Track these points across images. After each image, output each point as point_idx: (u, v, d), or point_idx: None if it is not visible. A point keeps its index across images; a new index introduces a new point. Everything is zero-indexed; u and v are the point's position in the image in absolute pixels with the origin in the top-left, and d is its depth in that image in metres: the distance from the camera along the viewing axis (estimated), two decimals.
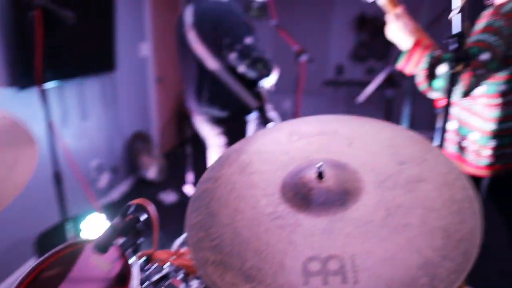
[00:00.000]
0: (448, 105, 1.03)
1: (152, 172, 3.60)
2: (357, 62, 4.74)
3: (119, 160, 3.39)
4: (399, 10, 1.44)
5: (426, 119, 4.67)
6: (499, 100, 1.51)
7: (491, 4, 1.51)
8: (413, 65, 1.41)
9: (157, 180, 3.64)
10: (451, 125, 1.72)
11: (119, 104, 3.29)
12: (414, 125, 4.62)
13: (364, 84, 4.50)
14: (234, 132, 2.21)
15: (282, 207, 0.66)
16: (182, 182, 3.70)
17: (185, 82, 2.28)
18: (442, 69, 1.33)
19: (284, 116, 4.52)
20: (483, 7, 1.55)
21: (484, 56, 1.36)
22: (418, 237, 0.57)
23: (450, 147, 1.70)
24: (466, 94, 1.34)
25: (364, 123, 0.86)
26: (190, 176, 2.75)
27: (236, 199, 0.71)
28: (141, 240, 0.77)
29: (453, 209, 0.61)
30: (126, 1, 3.35)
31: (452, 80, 1.01)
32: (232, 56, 1.96)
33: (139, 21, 3.65)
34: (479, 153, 1.59)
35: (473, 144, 1.60)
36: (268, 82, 2.24)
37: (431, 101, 1.69)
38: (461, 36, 0.93)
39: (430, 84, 1.36)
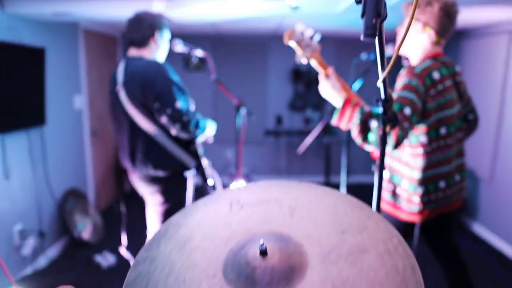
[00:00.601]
0: (382, 158, 1.08)
1: (86, 232, 3.32)
2: (295, 112, 4.95)
3: (48, 222, 3.10)
4: (329, 70, 1.55)
5: (362, 163, 4.94)
6: (421, 150, 1.63)
7: (408, 65, 1.68)
8: (346, 121, 1.50)
9: (93, 241, 3.35)
10: (384, 174, 1.82)
11: (49, 160, 3.06)
12: (351, 169, 4.85)
13: (302, 133, 4.69)
14: (171, 190, 2.14)
15: None
16: (120, 242, 3.46)
17: (118, 139, 2.19)
18: (373, 124, 1.43)
19: (227, 166, 4.53)
20: (400, 66, 1.72)
21: (407, 111, 1.49)
22: None
23: (386, 195, 1.78)
24: (397, 145, 1.43)
25: (306, 189, 0.86)
26: (124, 238, 2.57)
27: (175, 283, 0.65)
28: None
29: (397, 280, 0.61)
30: (61, 52, 3.25)
31: (383, 134, 1.07)
32: (163, 120, 1.95)
33: (74, 72, 3.53)
34: (411, 200, 1.68)
35: (404, 192, 1.70)
36: (206, 136, 2.23)
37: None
38: (387, 101, 0.99)
39: (364, 138, 1.45)
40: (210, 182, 2.24)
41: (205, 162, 2.22)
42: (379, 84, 0.92)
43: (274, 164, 5.03)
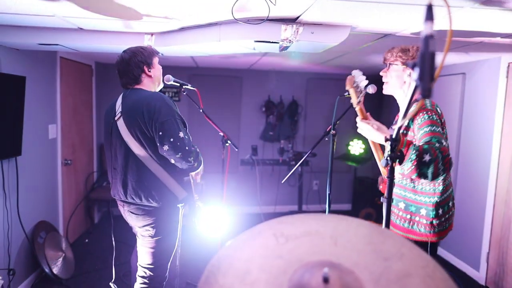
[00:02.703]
0: (390, 189, 1.20)
1: (58, 267, 3.16)
2: (268, 143, 5.10)
3: (18, 258, 2.92)
4: (368, 115, 1.70)
5: (335, 192, 5.15)
6: (440, 176, 1.77)
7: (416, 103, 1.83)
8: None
9: (65, 276, 3.19)
10: (400, 204, 1.93)
11: (21, 191, 2.92)
12: (323, 199, 5.03)
13: (276, 163, 4.82)
14: (162, 222, 2.14)
15: None
16: (94, 276, 3.33)
17: (111, 171, 2.18)
18: (427, 157, 1.50)
19: (200, 195, 4.51)
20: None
21: (444, 142, 1.61)
22: None
23: (401, 223, 1.92)
24: (435, 177, 1.53)
25: (339, 221, 0.95)
26: (113, 272, 2.49)
27: None
28: None
29: None
30: (39, 80, 3.18)
31: (391, 168, 1.19)
32: (165, 148, 1.98)
33: (51, 100, 3.45)
34: (431, 224, 1.82)
35: (423, 219, 1.84)
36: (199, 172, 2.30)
37: (343, 179, 1.90)
38: (396, 141, 1.13)
39: (421, 171, 1.50)
40: (197, 214, 2.28)
41: (195, 195, 2.26)
42: (396, 127, 1.05)
43: (249, 193, 5.09)
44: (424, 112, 1.72)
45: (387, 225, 1.22)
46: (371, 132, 1.66)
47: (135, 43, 2.52)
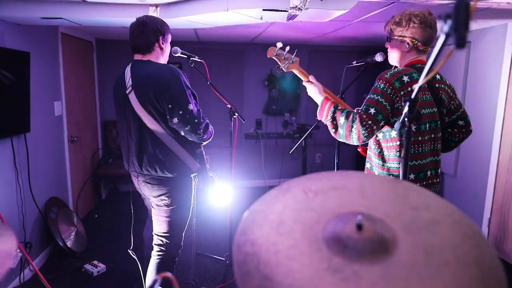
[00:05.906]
0: (407, 148, 1.23)
1: (71, 241, 3.23)
2: (271, 116, 5.11)
3: (33, 232, 2.98)
4: (310, 77, 1.87)
5: (340, 164, 5.20)
6: (392, 144, 1.79)
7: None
8: (324, 116, 1.76)
9: (78, 250, 3.27)
10: (367, 165, 1.99)
11: (32, 168, 2.95)
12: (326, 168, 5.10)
13: (280, 136, 4.85)
14: (176, 192, 2.18)
15: (336, 260, 0.72)
16: (106, 249, 3.40)
17: (124, 144, 2.20)
18: (341, 120, 1.66)
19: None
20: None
21: (372, 111, 1.67)
22: (460, 271, 0.68)
23: None
24: (360, 140, 1.66)
25: (365, 177, 0.98)
26: (131, 240, 2.55)
27: (286, 259, 0.74)
28: None
29: (471, 243, 0.75)
30: (42, 56, 3.15)
31: (408, 129, 1.22)
32: (175, 121, 2.00)
33: (54, 77, 3.43)
34: None
35: None
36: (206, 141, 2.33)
37: (344, 151, 1.94)
38: (415, 101, 1.14)
39: (335, 132, 1.70)
40: (210, 185, 2.32)
41: (207, 166, 2.29)
42: (417, 86, 1.07)
43: (254, 167, 5.14)
44: (378, 81, 1.75)
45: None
46: (311, 93, 1.88)
47: (140, 15, 2.49)
